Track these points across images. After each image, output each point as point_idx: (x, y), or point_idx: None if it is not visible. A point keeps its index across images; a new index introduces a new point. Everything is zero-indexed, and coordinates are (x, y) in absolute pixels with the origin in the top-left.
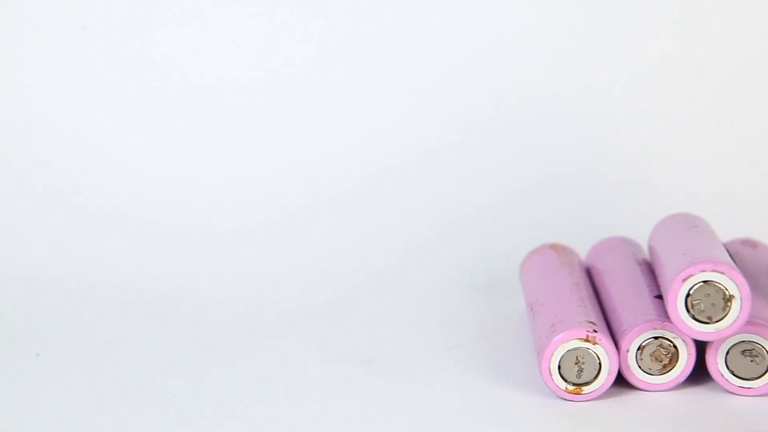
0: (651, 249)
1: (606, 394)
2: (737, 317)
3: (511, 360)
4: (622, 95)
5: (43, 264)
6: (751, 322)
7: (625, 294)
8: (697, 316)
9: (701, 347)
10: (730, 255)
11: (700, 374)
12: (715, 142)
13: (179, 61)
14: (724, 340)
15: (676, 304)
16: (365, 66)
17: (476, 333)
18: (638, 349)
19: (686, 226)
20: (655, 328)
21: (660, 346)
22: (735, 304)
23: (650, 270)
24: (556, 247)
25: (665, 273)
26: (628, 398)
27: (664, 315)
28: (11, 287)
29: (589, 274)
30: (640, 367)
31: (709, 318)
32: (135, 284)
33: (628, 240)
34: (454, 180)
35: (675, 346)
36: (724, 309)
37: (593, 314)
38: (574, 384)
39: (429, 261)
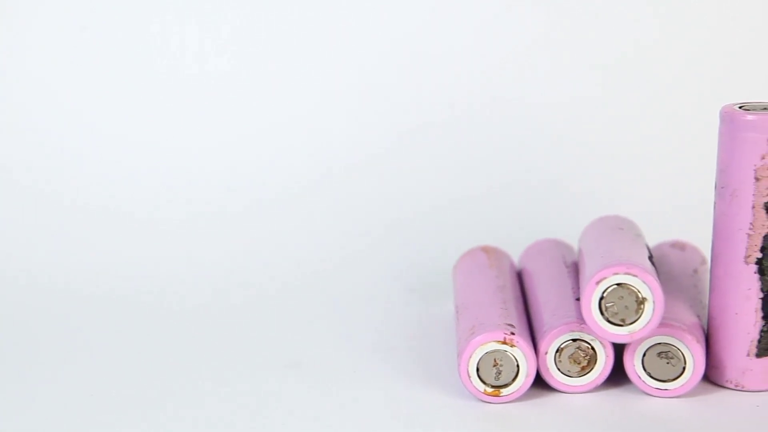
0: (579, 251)
1: (525, 396)
2: (650, 320)
3: (436, 362)
4: (561, 102)
5: (25, 262)
6: (667, 325)
7: (549, 296)
8: (610, 319)
9: (619, 349)
10: (651, 257)
11: (618, 376)
12: (653, 147)
13: (171, 59)
14: (640, 342)
15: (590, 307)
16: (315, 67)
17: (407, 335)
18: (557, 351)
19: (611, 228)
20: (573, 331)
21: (578, 348)
22: (648, 307)
23: (577, 272)
24: (487, 250)
25: (583, 275)
26: (547, 400)
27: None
28: None
29: (520, 276)
30: (558, 369)
31: (623, 320)
32: (89, 277)
33: (560, 242)
34: (393, 183)
35: (593, 349)
36: (637, 312)
37: (515, 317)
38: (492, 386)
39: (365, 263)
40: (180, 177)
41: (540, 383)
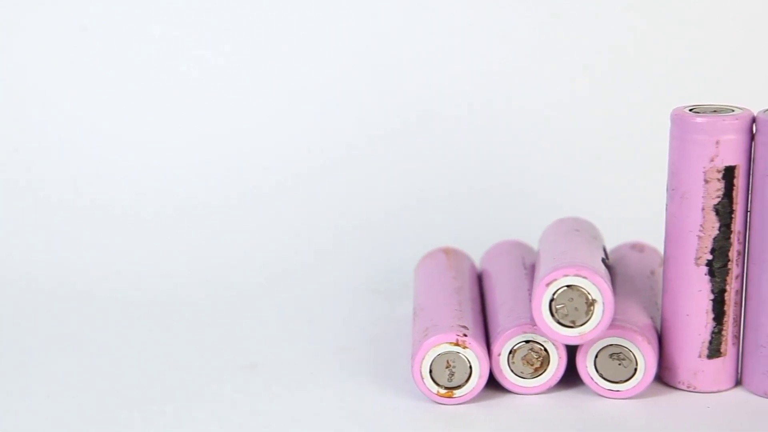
0: (537, 253)
1: (478, 398)
2: (600, 321)
3: (394, 363)
4: (525, 107)
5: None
6: (618, 326)
7: (505, 298)
8: (561, 320)
9: (572, 351)
10: (606, 259)
11: (572, 377)
12: (616, 149)
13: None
14: (591, 343)
15: (540, 309)
16: (285, 69)
17: (366, 336)
18: (510, 352)
19: (568, 230)
20: (526, 332)
21: (531, 349)
22: (598, 309)
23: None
24: (447, 251)
25: (536, 277)
26: (500, 401)
27: None
28: None
29: (481, 278)
30: (512, 370)
31: (573, 322)
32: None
33: (520, 244)
34: (359, 184)
35: (546, 350)
36: (587, 313)
37: (469, 318)
38: (446, 388)
39: (330, 263)
40: (146, 174)
41: (494, 384)
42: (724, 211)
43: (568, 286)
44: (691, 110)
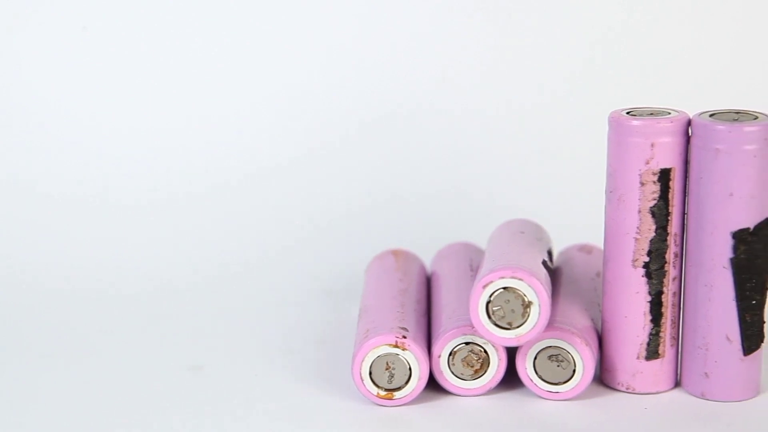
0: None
1: (419, 399)
2: (536, 323)
3: (338, 365)
4: (476, 110)
5: None
6: (557, 328)
7: (449, 299)
8: (497, 322)
9: (512, 352)
10: (547, 261)
11: (513, 379)
12: (568, 152)
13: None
14: (530, 345)
15: (477, 311)
16: (244, 72)
17: (315, 338)
18: (450, 354)
19: (512, 232)
20: (466, 334)
21: (471, 351)
22: (534, 311)
23: None
24: (396, 253)
25: (475, 279)
26: (441, 403)
27: None
28: None
29: (430, 279)
30: (452, 372)
31: (510, 324)
32: None
33: (470, 246)
34: (312, 185)
35: (486, 352)
36: (523, 315)
37: (412, 320)
38: (386, 389)
39: (282, 264)
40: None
41: (435, 386)
42: (660, 213)
43: (504, 288)
44: (628, 113)
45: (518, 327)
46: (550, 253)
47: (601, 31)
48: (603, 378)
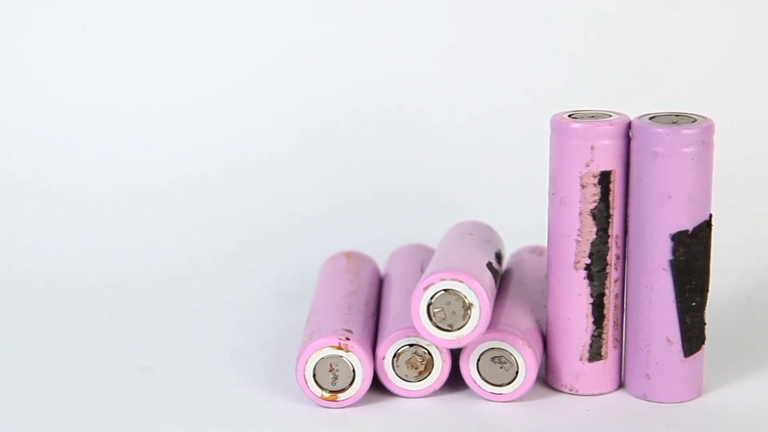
0: None
1: (363, 401)
2: (477, 325)
3: (287, 367)
4: (429, 111)
5: None
6: (499, 330)
7: (397, 301)
8: (439, 324)
9: (457, 354)
10: (492, 264)
11: (457, 380)
12: (524, 153)
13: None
14: (474, 347)
15: (418, 313)
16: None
17: (268, 340)
18: (394, 356)
19: (460, 234)
20: (410, 336)
21: (415, 353)
22: (474, 313)
23: None
24: (349, 255)
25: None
26: (386, 404)
27: None
28: None
29: (382, 281)
30: (396, 373)
31: (451, 326)
32: None
33: (422, 247)
34: (267, 186)
35: (430, 354)
36: (464, 317)
37: (358, 322)
38: (330, 391)
39: (236, 266)
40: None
41: (380, 388)
42: (601, 215)
43: (445, 290)
44: (570, 116)
45: (459, 329)
46: (498, 255)
47: (551, 33)
48: (548, 380)
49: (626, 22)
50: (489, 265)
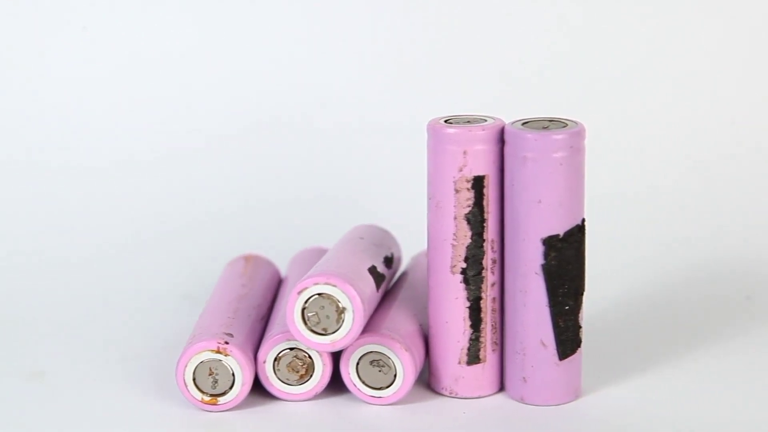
0: None
1: (245, 404)
2: (350, 329)
3: (174, 371)
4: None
5: None
6: (377, 333)
7: (283, 303)
8: (313, 328)
9: (338, 358)
10: (377, 268)
11: (340, 384)
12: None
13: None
14: (353, 350)
15: (293, 317)
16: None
17: (164, 344)
18: (275, 359)
19: (351, 238)
20: (290, 339)
21: (296, 357)
22: (348, 316)
23: None
24: (248, 258)
25: None
26: (267, 408)
27: None
28: None
29: (281, 285)
30: (277, 377)
31: (325, 330)
32: None
33: (322, 250)
34: (176, 188)
35: (311, 357)
36: (338, 321)
37: (242, 326)
38: (210, 395)
39: (138, 268)
40: None
41: (263, 391)
42: (475, 220)
43: (319, 294)
44: (446, 121)
45: (333, 333)
46: (389, 259)
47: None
48: (430, 383)
49: (518, 29)
50: (372, 269)
